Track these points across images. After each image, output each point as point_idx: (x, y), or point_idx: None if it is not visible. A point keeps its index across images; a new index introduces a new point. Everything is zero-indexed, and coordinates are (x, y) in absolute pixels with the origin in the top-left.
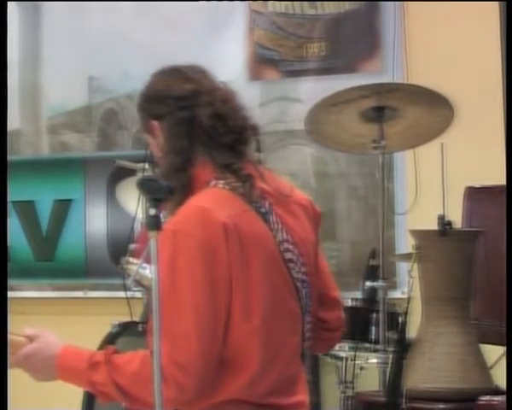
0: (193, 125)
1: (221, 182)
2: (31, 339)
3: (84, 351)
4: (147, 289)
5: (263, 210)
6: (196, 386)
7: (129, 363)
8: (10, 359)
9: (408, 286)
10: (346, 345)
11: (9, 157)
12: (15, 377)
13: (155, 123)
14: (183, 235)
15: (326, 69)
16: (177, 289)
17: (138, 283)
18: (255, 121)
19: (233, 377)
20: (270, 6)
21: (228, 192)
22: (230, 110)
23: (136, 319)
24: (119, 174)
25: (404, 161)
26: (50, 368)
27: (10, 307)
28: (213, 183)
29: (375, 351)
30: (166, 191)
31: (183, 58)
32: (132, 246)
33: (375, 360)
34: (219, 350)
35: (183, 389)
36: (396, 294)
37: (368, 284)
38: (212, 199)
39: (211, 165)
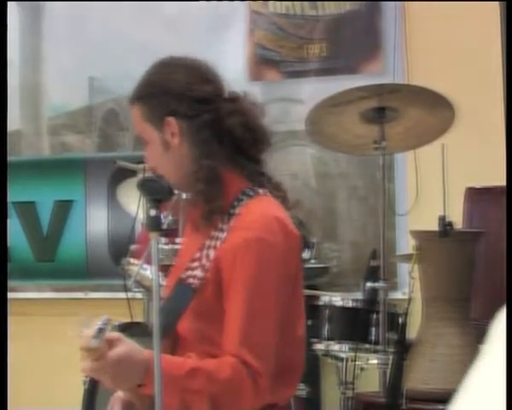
0: (221, 132)
1: (262, 190)
2: (109, 344)
3: (173, 357)
4: (147, 290)
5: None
6: None
7: (220, 369)
8: (93, 365)
9: (408, 287)
10: (346, 346)
11: (10, 158)
12: (15, 376)
13: (172, 120)
14: (269, 244)
15: (327, 70)
16: (262, 298)
17: (139, 284)
18: (269, 130)
19: (282, 386)
20: (271, 6)
21: (275, 200)
22: (258, 122)
23: (137, 319)
24: (120, 175)
25: (404, 161)
26: (140, 374)
27: (11, 308)
28: (261, 191)
29: (376, 352)
30: (167, 192)
31: None
32: (133, 247)
33: (375, 361)
34: None
35: (267, 395)
36: (396, 295)
37: (368, 284)
38: (279, 209)
39: (239, 172)
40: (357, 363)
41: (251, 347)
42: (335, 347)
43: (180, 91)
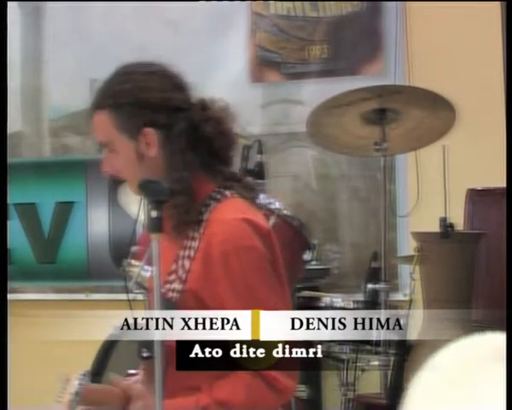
0: (196, 140)
1: (229, 192)
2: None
3: (185, 398)
4: (148, 291)
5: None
6: None
7: (234, 393)
8: None
9: (410, 288)
10: (347, 347)
11: (11, 159)
12: (16, 376)
13: (149, 130)
14: (248, 250)
15: (328, 71)
16: (255, 303)
17: (140, 285)
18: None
19: None
20: (272, 8)
21: (244, 201)
22: (229, 127)
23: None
24: None
25: (405, 163)
26: None
27: (12, 309)
28: (228, 193)
29: (377, 353)
30: (168, 193)
31: (184, 60)
32: (134, 248)
33: (376, 363)
34: None
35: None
36: (398, 296)
37: (369, 286)
38: (247, 210)
39: (209, 176)
40: (358, 364)
41: None
42: (336, 348)
43: (156, 101)
